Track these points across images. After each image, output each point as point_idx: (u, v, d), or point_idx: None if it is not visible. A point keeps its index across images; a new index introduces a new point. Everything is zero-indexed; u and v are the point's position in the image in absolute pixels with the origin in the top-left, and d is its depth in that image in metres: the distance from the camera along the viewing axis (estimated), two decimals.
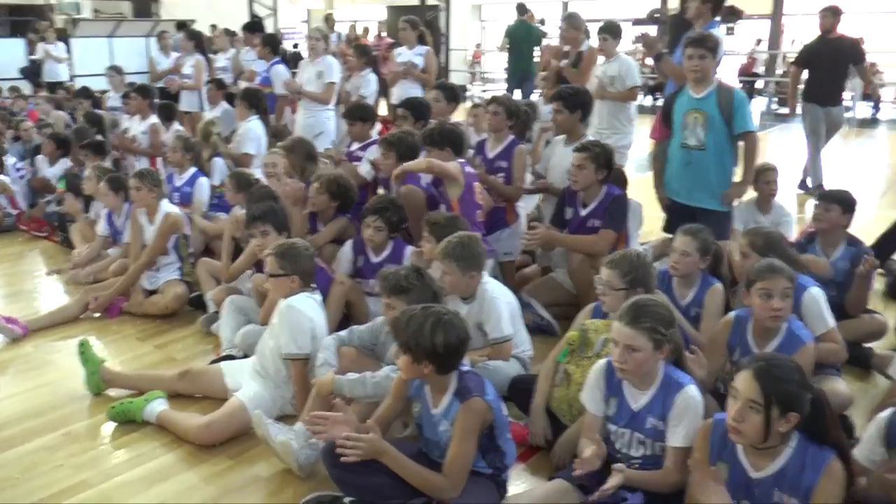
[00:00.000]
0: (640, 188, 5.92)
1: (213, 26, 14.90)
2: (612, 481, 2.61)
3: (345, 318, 4.40)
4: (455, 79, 21.33)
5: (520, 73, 11.20)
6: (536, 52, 11.35)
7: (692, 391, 2.75)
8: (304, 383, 3.54)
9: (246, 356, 4.12)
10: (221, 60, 10.05)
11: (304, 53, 10.24)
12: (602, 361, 2.97)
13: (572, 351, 3.34)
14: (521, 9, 11.93)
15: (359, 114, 6.06)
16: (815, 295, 3.61)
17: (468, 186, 4.65)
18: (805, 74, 8.56)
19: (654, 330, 2.70)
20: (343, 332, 3.66)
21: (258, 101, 7.23)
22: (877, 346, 4.41)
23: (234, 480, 3.25)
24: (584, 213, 4.73)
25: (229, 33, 10.74)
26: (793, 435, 2.40)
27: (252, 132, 7.03)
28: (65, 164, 7.63)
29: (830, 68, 8.23)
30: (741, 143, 4.84)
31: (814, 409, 2.36)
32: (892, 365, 3.60)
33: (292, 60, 11.05)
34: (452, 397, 2.79)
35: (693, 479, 2.53)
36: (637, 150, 5.69)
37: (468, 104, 8.43)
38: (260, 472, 3.31)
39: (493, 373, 3.52)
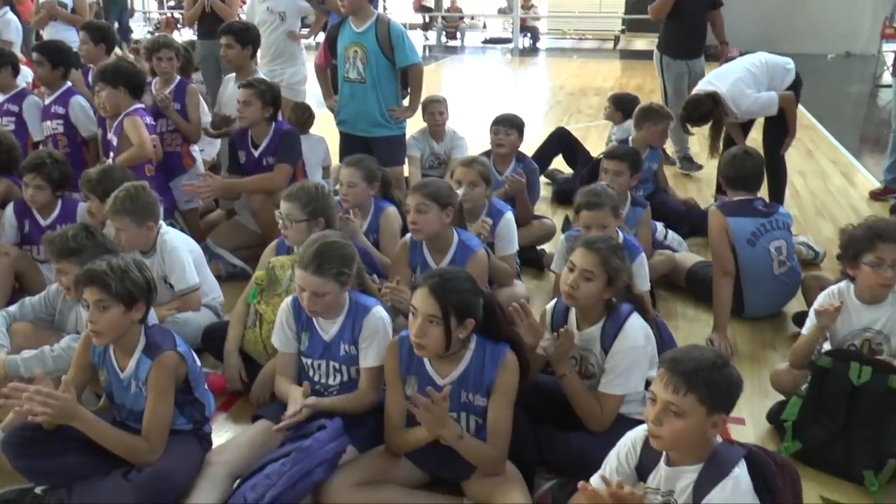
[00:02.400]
0: (326, 122, 5.93)
1: None
2: (294, 411, 2.62)
3: (18, 291, 3.94)
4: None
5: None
6: None
7: (379, 312, 2.82)
8: None
9: None
10: None
11: None
12: (288, 299, 2.94)
13: (261, 291, 3.29)
14: None
15: None
16: (510, 220, 3.98)
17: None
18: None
19: (340, 273, 2.74)
20: (12, 308, 3.30)
21: None
22: (547, 247, 4.87)
23: None
24: (257, 153, 4.63)
25: None
26: (472, 338, 2.54)
27: None
28: None
29: (693, 14, 6.75)
30: None
31: (486, 311, 2.52)
32: (553, 261, 4.00)
33: None
34: (141, 355, 2.62)
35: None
36: (314, 84, 5.64)
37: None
38: None
39: (183, 325, 3.38)
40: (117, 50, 6.06)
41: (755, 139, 5.39)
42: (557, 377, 2.75)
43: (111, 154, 4.48)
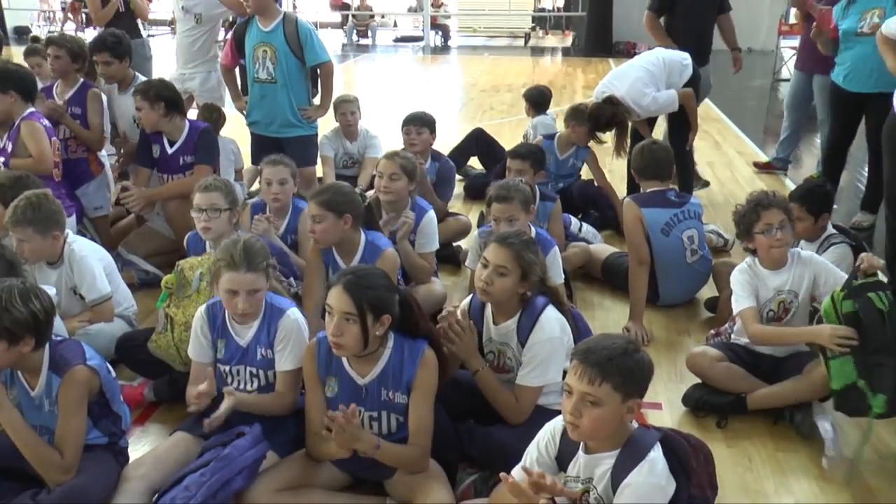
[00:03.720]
0: (236, 124, 5.83)
1: None
2: (224, 406, 2.57)
3: None
4: (16, 19, 18.89)
5: None
6: None
7: (294, 314, 2.79)
8: None
9: None
10: None
11: None
12: (202, 308, 2.87)
13: (170, 294, 3.22)
14: None
15: None
16: (432, 218, 4.01)
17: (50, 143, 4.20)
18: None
19: (267, 266, 2.75)
20: None
21: None
22: (463, 244, 4.89)
23: None
24: (171, 149, 4.52)
25: None
26: (389, 336, 2.53)
27: None
28: None
29: (699, 19, 5.89)
30: None
31: (402, 308, 2.51)
32: (468, 257, 4.04)
33: None
34: (49, 373, 2.51)
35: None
36: None
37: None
38: None
39: (96, 336, 3.26)
40: None
41: (662, 131, 5.55)
42: (471, 373, 2.78)
43: (2, 161, 4.27)
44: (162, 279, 3.28)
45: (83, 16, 16.84)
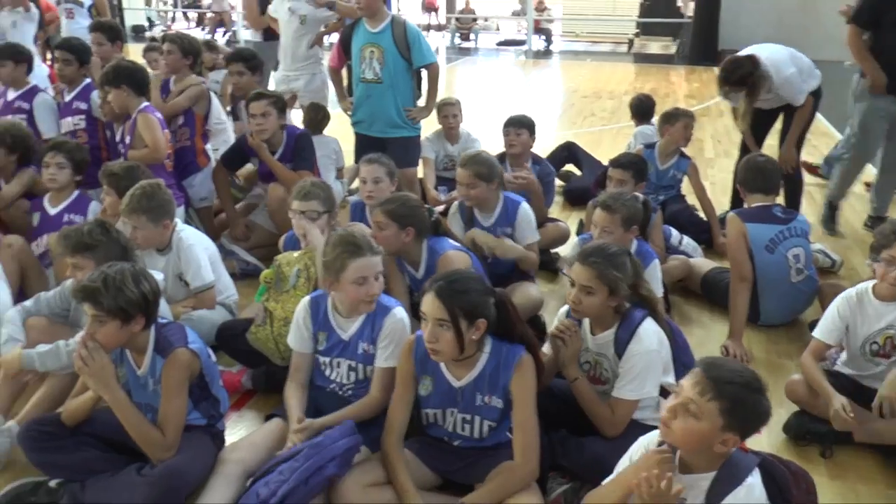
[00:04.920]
0: (340, 123, 5.95)
1: None
2: (294, 439, 2.62)
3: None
4: (133, 18, 19.85)
5: None
6: None
7: (400, 312, 2.82)
8: None
9: None
10: None
11: None
12: (305, 299, 2.95)
13: (269, 288, 3.31)
14: None
15: (9, 53, 5.22)
16: (527, 209, 3.99)
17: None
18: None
19: (381, 253, 2.81)
20: (28, 302, 3.31)
21: None
22: (561, 250, 4.85)
23: None
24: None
25: None
26: (486, 340, 2.53)
27: None
28: None
29: None
30: None
31: (498, 311, 2.50)
32: (566, 264, 3.99)
33: None
34: (154, 353, 2.64)
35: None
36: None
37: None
38: None
39: (198, 322, 3.39)
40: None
41: (771, 145, 5.37)
42: (568, 382, 2.76)
43: (122, 153, 4.50)
44: (262, 272, 3.38)
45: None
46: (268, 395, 3.33)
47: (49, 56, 7.46)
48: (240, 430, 3.12)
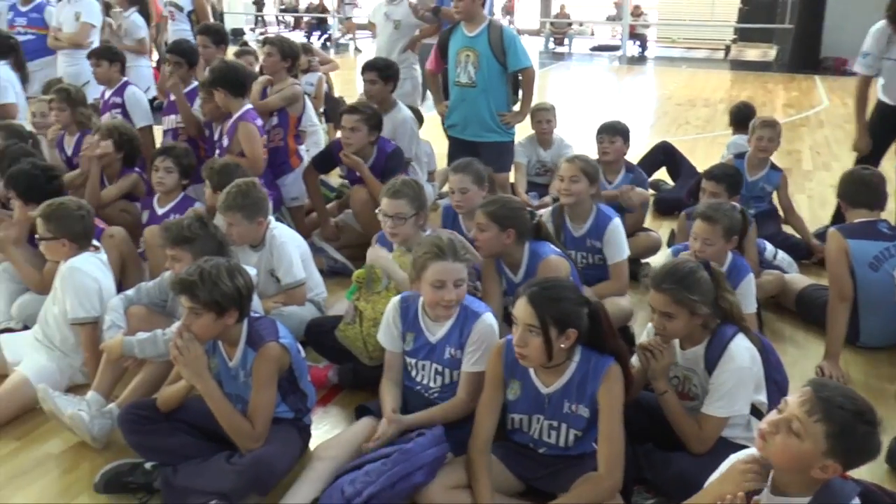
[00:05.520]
0: (433, 126, 6.01)
1: None
2: (384, 430, 2.67)
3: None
4: (232, 22, 20.49)
5: None
6: None
7: (489, 318, 2.82)
8: (94, 348, 3.30)
9: (26, 328, 3.80)
10: None
11: None
12: (396, 299, 2.99)
13: (360, 288, 3.36)
14: None
15: (104, 54, 5.56)
16: (618, 226, 3.91)
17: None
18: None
19: (467, 255, 2.81)
20: (130, 291, 3.45)
21: (2, 45, 6.49)
22: (652, 261, 4.75)
23: (22, 463, 3.00)
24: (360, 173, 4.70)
25: None
26: (576, 349, 2.52)
27: (2, 80, 6.33)
28: None
29: None
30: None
31: (591, 321, 2.48)
32: (648, 274, 3.93)
33: None
34: (246, 346, 2.72)
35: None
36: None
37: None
38: (51, 450, 3.08)
39: (288, 318, 3.48)
40: None
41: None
42: (657, 395, 2.72)
43: (219, 152, 4.65)
44: (350, 270, 3.45)
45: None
46: (354, 391, 3.40)
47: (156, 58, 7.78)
48: (325, 426, 3.19)
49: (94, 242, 3.56)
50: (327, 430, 3.13)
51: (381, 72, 5.14)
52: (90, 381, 3.27)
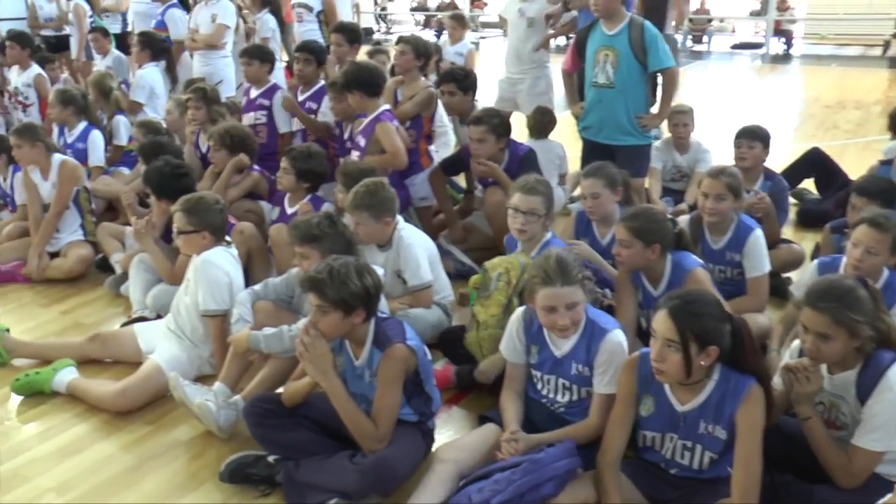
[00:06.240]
0: (567, 127, 5.98)
1: None
2: (506, 449, 2.66)
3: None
4: (364, 20, 21.01)
5: None
6: None
7: (617, 336, 2.78)
8: (223, 341, 3.48)
9: (159, 317, 4.04)
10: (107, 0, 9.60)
11: None
12: (520, 310, 2.98)
13: (476, 293, 3.41)
14: None
15: (256, 53, 5.80)
16: (760, 238, 3.78)
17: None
18: None
19: (584, 279, 2.75)
20: (258, 286, 3.61)
21: (156, 47, 6.93)
22: (794, 275, 4.57)
23: (153, 447, 3.20)
24: (491, 179, 4.73)
25: None
26: (716, 367, 2.45)
27: (143, 79, 6.76)
28: None
29: None
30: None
31: (733, 339, 2.41)
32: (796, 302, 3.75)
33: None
34: (372, 346, 2.79)
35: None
36: (558, 88, 5.72)
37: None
38: (180, 437, 3.27)
39: (413, 320, 3.51)
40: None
41: None
42: (800, 420, 2.61)
43: (353, 154, 4.77)
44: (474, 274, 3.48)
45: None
46: (479, 395, 3.43)
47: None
48: (448, 430, 3.23)
49: (226, 237, 3.73)
50: (450, 435, 3.17)
51: (459, 83, 5.22)
52: (217, 373, 3.46)
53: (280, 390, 3.09)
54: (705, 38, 19.82)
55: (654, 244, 3.24)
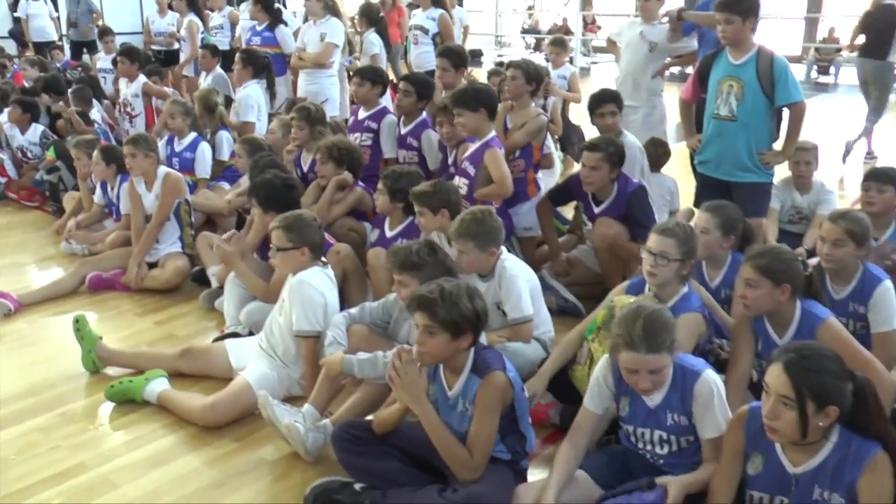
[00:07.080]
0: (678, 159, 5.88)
1: None
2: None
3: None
4: (475, 42, 21.17)
5: None
6: None
7: (709, 376, 2.72)
8: (314, 362, 3.54)
9: (251, 334, 4.15)
10: (216, 18, 10.01)
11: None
12: (605, 357, 2.92)
13: (599, 328, 3.34)
14: None
15: (369, 75, 5.91)
16: (889, 289, 3.59)
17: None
18: None
19: (672, 342, 2.68)
20: (354, 310, 3.66)
21: (258, 64, 7.19)
22: None
23: (238, 464, 3.28)
24: (598, 209, 4.71)
25: None
26: (835, 428, 2.36)
27: (250, 98, 7.03)
28: (36, 129, 7.45)
29: None
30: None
31: (856, 399, 2.32)
32: None
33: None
34: (470, 374, 2.80)
35: None
36: (672, 119, 5.63)
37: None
38: (265, 456, 3.34)
39: (512, 354, 3.46)
40: None
41: None
42: None
43: (458, 181, 4.82)
44: (580, 311, 3.45)
45: None
46: None
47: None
48: (543, 471, 3.14)
49: (322, 258, 3.82)
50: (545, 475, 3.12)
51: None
52: (306, 394, 3.53)
53: (370, 417, 3.12)
54: (832, 70, 19.15)
55: (783, 284, 3.12)
